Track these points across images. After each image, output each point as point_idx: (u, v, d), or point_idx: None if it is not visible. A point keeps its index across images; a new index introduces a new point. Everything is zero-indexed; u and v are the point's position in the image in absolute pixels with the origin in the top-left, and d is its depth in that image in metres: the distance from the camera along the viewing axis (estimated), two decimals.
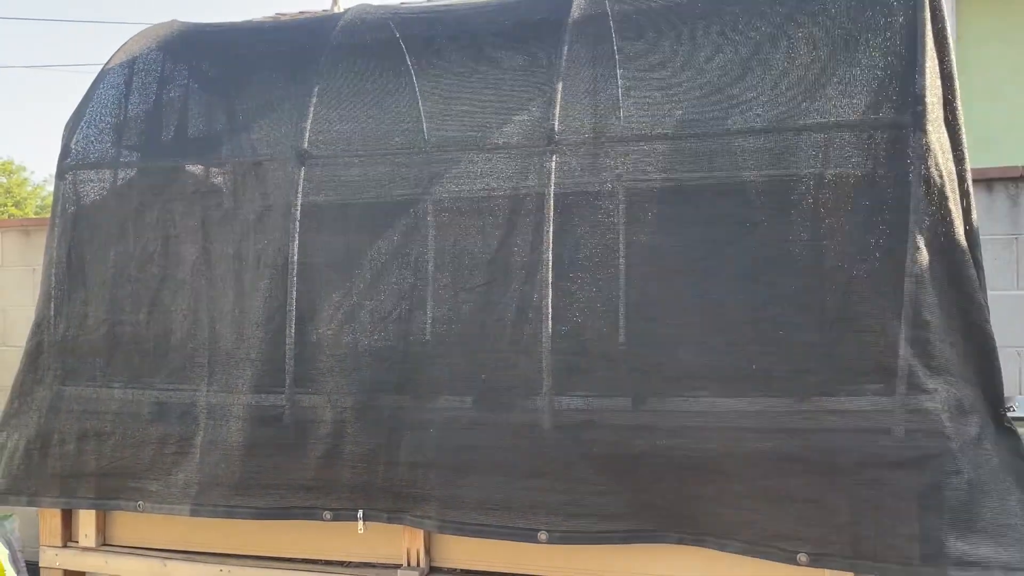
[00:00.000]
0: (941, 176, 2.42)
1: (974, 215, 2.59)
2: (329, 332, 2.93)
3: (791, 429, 2.46)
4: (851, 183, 2.48)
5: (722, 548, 2.54)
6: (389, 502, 2.83)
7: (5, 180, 28.97)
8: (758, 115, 2.61)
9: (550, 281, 2.70)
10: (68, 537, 3.31)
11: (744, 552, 2.51)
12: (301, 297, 2.97)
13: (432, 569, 2.93)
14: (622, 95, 2.80)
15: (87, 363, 3.21)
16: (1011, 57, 5.68)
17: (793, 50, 2.64)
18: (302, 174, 3.02)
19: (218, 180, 3.27)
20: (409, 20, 3.32)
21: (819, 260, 2.50)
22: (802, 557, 2.42)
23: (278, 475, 2.91)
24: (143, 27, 3.64)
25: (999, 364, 2.48)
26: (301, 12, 7.12)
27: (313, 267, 2.98)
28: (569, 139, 2.79)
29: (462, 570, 2.91)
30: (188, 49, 3.56)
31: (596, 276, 2.70)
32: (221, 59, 3.55)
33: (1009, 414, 2.50)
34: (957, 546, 2.28)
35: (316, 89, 3.11)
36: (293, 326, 2.95)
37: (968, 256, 2.45)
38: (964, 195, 2.55)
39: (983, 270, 2.55)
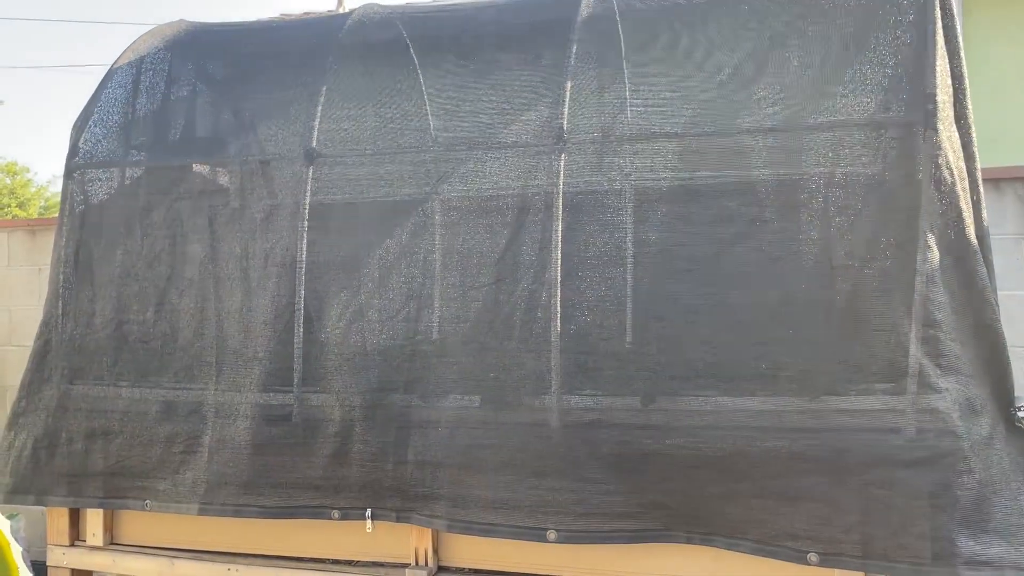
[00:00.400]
0: (952, 175, 2.41)
1: (984, 214, 2.59)
2: (337, 331, 2.92)
3: (801, 428, 2.45)
4: (862, 181, 2.48)
5: (731, 548, 2.53)
6: (397, 501, 2.83)
7: (9, 181, 29.03)
8: (768, 113, 2.61)
9: (559, 280, 2.69)
10: (75, 536, 3.31)
11: (754, 552, 2.50)
12: (309, 296, 2.96)
13: (440, 568, 2.92)
14: (631, 94, 2.80)
15: (94, 362, 3.21)
16: (1019, 57, 5.67)
17: (804, 48, 2.63)
18: (310, 173, 3.02)
19: (226, 179, 3.27)
20: (416, 20, 3.32)
21: (829, 259, 2.49)
22: (812, 557, 2.42)
23: (286, 474, 2.91)
24: (150, 27, 3.65)
25: (1010, 364, 2.48)
26: (306, 12, 7.12)
27: (321, 266, 2.98)
28: (578, 138, 2.79)
29: (470, 569, 2.90)
30: (195, 49, 3.56)
31: (605, 275, 2.69)
32: (229, 59, 3.55)
33: (1020, 414, 2.49)
34: (968, 545, 2.27)
35: (324, 88, 3.11)
36: (301, 325, 2.95)
37: (979, 255, 2.44)
38: (975, 194, 2.54)
39: (993, 269, 2.54)
